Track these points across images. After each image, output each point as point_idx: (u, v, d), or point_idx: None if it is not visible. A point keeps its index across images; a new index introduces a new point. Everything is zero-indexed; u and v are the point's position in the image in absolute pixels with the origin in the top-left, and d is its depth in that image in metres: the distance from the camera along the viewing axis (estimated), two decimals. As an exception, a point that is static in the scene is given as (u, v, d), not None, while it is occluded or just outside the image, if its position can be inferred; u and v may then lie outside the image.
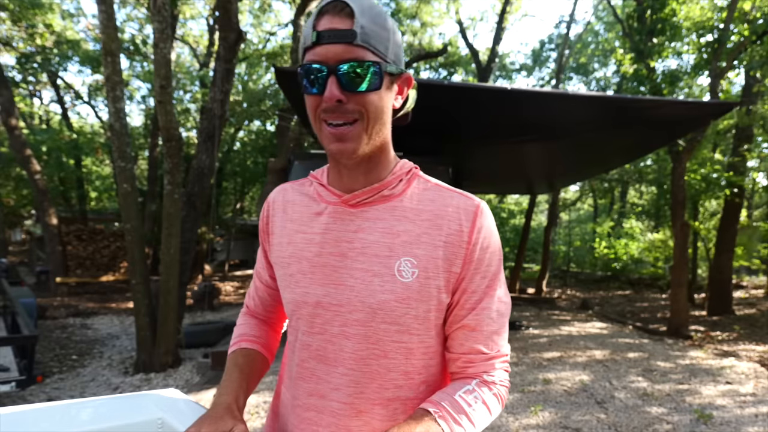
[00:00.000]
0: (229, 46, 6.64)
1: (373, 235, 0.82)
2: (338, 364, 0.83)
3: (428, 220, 0.83)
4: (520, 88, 6.16)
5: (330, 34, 0.74)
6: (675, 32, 8.56)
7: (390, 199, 0.85)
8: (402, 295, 0.80)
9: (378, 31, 0.76)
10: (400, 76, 0.82)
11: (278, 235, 0.92)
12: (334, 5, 0.75)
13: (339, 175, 0.86)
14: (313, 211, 0.89)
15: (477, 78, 15.35)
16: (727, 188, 9.37)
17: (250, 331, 1.02)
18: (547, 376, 5.22)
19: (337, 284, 0.83)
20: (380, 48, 0.76)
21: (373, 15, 0.75)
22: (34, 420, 0.98)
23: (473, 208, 0.84)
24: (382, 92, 0.78)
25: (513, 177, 10.59)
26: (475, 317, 0.83)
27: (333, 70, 0.74)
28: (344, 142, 0.78)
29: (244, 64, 16.17)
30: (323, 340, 0.84)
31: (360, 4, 0.74)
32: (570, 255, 18.75)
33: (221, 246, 18.54)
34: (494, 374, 0.85)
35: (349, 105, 0.76)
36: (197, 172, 6.87)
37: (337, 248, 0.84)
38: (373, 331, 0.81)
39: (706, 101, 7.10)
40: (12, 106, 10.82)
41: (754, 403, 4.51)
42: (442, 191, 0.86)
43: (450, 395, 0.81)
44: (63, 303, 10.31)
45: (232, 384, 0.88)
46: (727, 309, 9.86)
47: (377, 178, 0.85)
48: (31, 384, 4.29)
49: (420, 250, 0.81)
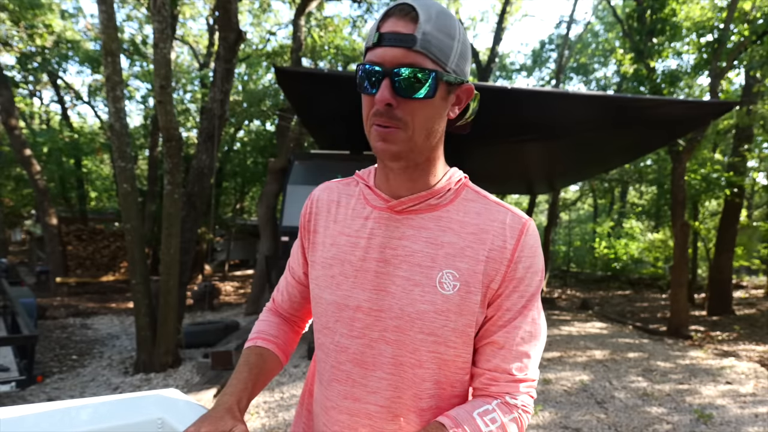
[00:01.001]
0: (229, 46, 6.64)
1: (417, 244, 0.82)
2: (376, 368, 0.83)
3: (473, 234, 0.82)
4: (520, 88, 6.17)
5: (391, 37, 0.73)
6: (675, 32, 8.56)
7: (436, 209, 0.84)
8: (441, 308, 0.79)
9: (442, 39, 0.74)
10: (460, 86, 0.80)
11: (321, 235, 0.92)
12: (400, 8, 0.74)
13: (386, 178, 0.86)
14: (358, 215, 0.88)
15: (477, 78, 15.34)
16: (727, 188, 9.37)
17: (269, 330, 1.01)
18: (547, 376, 5.22)
19: (379, 290, 0.83)
20: (441, 57, 0.74)
21: (440, 22, 0.74)
22: (34, 420, 0.98)
23: (519, 225, 0.82)
24: (436, 101, 0.77)
25: (513, 177, 10.60)
26: (505, 335, 0.82)
27: (388, 73, 0.74)
28: (389, 142, 0.77)
29: (244, 64, 16.17)
30: (362, 344, 0.84)
31: (428, 10, 0.74)
32: (570, 255, 18.75)
33: (221, 246, 18.54)
34: (518, 398, 0.82)
35: (398, 111, 0.75)
36: (197, 172, 6.87)
37: (381, 254, 0.83)
38: (410, 339, 0.81)
39: (706, 101, 7.10)
40: (12, 106, 10.81)
41: (754, 403, 4.51)
42: (490, 205, 0.85)
43: (468, 412, 0.79)
44: (63, 303, 10.31)
45: (238, 384, 0.87)
46: (727, 309, 9.86)
47: (425, 186, 0.84)
48: (31, 384, 4.29)
49: (463, 264, 0.80)
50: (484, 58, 16.29)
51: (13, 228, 23.14)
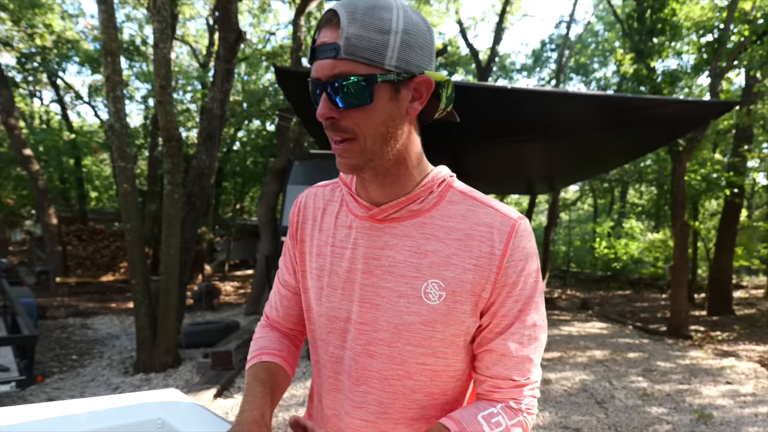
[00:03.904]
0: (229, 46, 6.64)
1: (400, 254, 0.79)
2: (361, 383, 0.82)
3: (458, 240, 0.78)
4: (520, 88, 6.16)
5: (320, 49, 0.70)
6: (675, 32, 8.56)
7: (419, 215, 0.80)
8: (428, 318, 0.77)
9: (372, 38, 0.68)
10: (411, 80, 0.73)
11: (308, 244, 0.90)
12: (327, 17, 0.71)
13: (363, 185, 0.83)
14: (342, 224, 0.86)
15: (477, 78, 15.35)
16: (727, 188, 9.36)
17: (270, 344, 0.96)
18: (547, 376, 5.22)
19: (363, 302, 0.81)
20: (374, 57, 0.69)
21: (368, 20, 0.68)
22: (34, 420, 0.98)
23: (508, 227, 0.78)
24: (380, 105, 0.71)
25: (513, 177, 10.59)
26: (503, 342, 0.79)
27: (323, 87, 0.71)
28: (344, 157, 0.75)
29: (244, 64, 16.17)
30: (348, 357, 0.83)
31: (353, 11, 0.68)
32: (570, 255, 18.74)
33: (221, 246, 18.53)
34: (522, 401, 0.81)
35: (342, 122, 0.72)
36: (197, 172, 6.87)
37: (366, 265, 0.81)
38: (398, 351, 0.79)
39: (706, 101, 7.10)
40: (12, 106, 10.81)
41: (754, 403, 4.51)
42: (476, 206, 0.81)
43: (473, 415, 0.77)
44: (63, 303, 10.30)
45: (255, 399, 0.83)
46: (727, 309, 9.86)
47: (401, 191, 0.80)
48: (31, 384, 4.29)
49: (448, 273, 0.77)
50: (484, 58, 16.28)
51: (13, 228, 23.13)
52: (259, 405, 0.81)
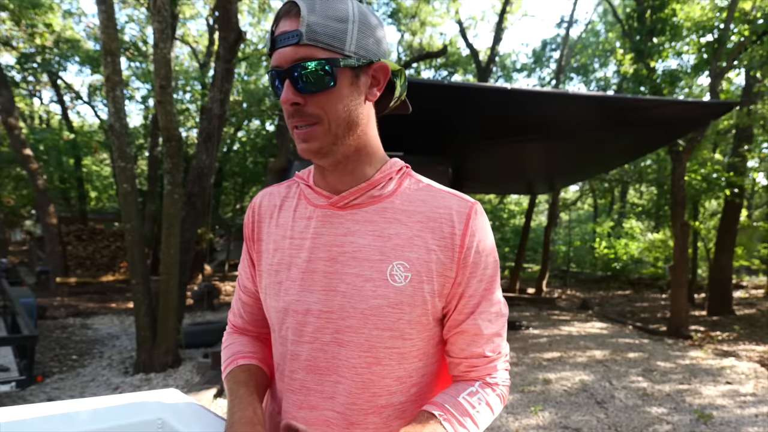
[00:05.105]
0: (229, 46, 6.64)
1: (364, 239, 0.80)
2: (331, 373, 0.81)
3: (420, 222, 0.80)
4: (521, 88, 6.16)
5: (280, 38, 0.73)
6: (675, 32, 8.56)
7: (380, 200, 0.82)
8: (395, 300, 0.78)
9: (331, 25, 0.72)
10: (369, 67, 0.77)
11: (265, 242, 0.89)
12: (285, 8, 0.74)
13: (322, 175, 0.84)
14: (301, 216, 0.86)
15: (477, 78, 15.35)
16: (727, 188, 9.37)
17: (243, 348, 0.95)
18: (547, 376, 5.22)
19: (328, 290, 0.80)
20: (334, 43, 0.72)
21: (326, 9, 0.72)
22: (34, 420, 0.98)
23: (466, 209, 0.81)
24: (342, 89, 0.74)
25: (513, 177, 10.59)
26: (473, 322, 0.82)
27: (286, 73, 0.73)
28: (309, 141, 0.76)
29: (244, 64, 16.17)
30: (314, 349, 0.81)
31: (311, 1, 0.72)
32: (570, 255, 18.74)
33: (221, 246, 18.55)
34: (497, 375, 0.85)
35: (307, 108, 0.75)
36: (197, 172, 6.87)
37: (328, 253, 0.81)
38: (366, 338, 0.79)
39: (706, 101, 7.10)
40: (12, 106, 10.81)
41: (754, 403, 4.51)
42: (434, 191, 0.84)
43: (454, 397, 0.80)
44: (63, 303, 10.30)
45: (242, 400, 0.81)
46: (727, 309, 9.86)
47: (363, 176, 0.82)
48: (31, 384, 4.29)
49: (413, 254, 0.79)
50: (484, 58, 16.28)
51: (13, 228, 23.15)
52: (249, 403, 0.81)
